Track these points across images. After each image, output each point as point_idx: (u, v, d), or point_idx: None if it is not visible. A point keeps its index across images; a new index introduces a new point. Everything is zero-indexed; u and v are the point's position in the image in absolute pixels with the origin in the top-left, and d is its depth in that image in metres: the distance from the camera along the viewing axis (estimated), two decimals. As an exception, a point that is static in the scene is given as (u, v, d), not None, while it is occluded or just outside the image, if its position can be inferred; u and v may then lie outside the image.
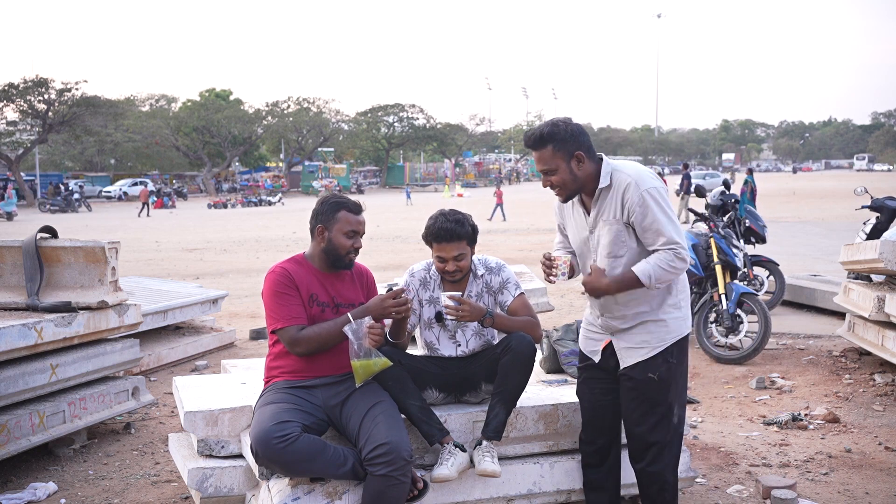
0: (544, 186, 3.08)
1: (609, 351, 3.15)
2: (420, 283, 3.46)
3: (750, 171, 23.14)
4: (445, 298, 3.20)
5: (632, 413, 3.10)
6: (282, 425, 2.91)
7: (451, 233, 3.27)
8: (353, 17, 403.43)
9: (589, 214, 3.08)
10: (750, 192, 21.37)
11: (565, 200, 3.11)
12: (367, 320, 3.13)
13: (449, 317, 3.25)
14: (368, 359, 3.08)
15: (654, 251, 2.96)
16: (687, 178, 23.11)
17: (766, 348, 6.54)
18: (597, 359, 3.19)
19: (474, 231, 3.36)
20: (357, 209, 3.29)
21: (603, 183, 3.00)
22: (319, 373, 3.21)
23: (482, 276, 3.42)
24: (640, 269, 2.94)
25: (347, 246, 3.24)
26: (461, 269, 3.32)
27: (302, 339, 3.14)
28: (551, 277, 3.09)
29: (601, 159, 3.04)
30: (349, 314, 3.16)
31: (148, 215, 34.38)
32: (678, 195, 22.57)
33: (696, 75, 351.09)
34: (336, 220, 3.23)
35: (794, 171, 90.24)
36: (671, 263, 2.93)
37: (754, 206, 20.99)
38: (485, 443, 3.16)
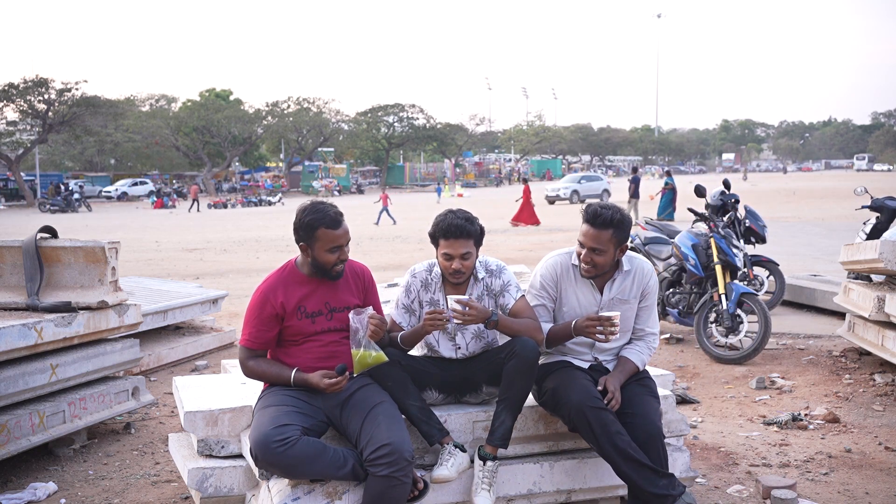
0: (581, 259, 3.36)
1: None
2: (421, 284, 3.44)
3: (669, 174, 22.86)
4: (452, 303, 3.18)
5: (646, 405, 3.27)
6: (281, 429, 2.90)
7: (461, 229, 3.26)
8: (353, 17, 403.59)
9: (601, 293, 3.43)
10: (670, 193, 21.31)
11: (592, 277, 3.40)
12: (369, 310, 3.14)
13: (455, 321, 3.22)
14: (365, 350, 3.09)
15: (639, 331, 3.49)
16: (635, 182, 22.90)
17: (766, 348, 6.54)
18: (586, 366, 3.48)
19: (482, 232, 3.35)
20: (335, 223, 3.16)
21: (626, 267, 3.43)
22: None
23: (483, 278, 3.41)
24: (638, 360, 3.43)
25: (332, 260, 3.19)
26: (465, 269, 3.30)
27: (247, 367, 3.26)
28: (610, 336, 3.27)
29: None
30: (293, 374, 3.16)
31: (198, 210, 37.32)
32: (628, 201, 22.43)
33: (696, 75, 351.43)
34: (316, 238, 3.16)
35: (785, 171, 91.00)
36: (653, 349, 3.51)
37: (674, 210, 20.98)
38: (488, 463, 3.14)
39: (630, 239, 7.71)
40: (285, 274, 3.28)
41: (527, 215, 22.97)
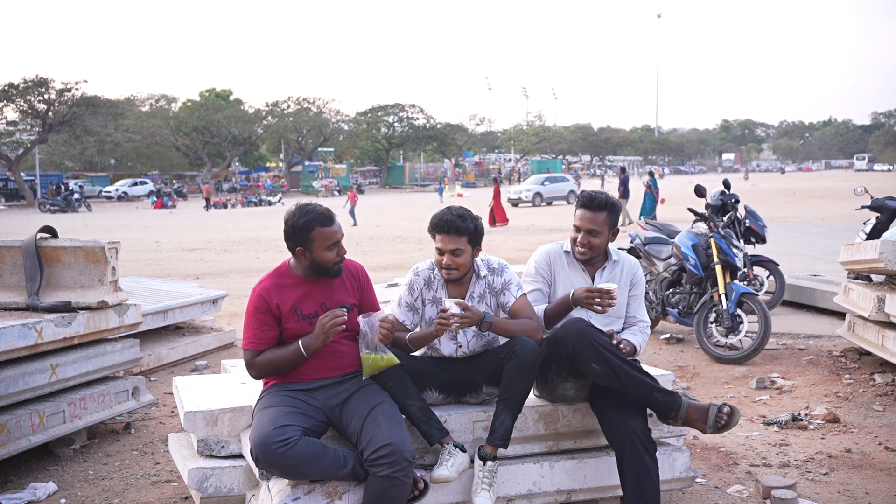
0: (578, 242, 3.55)
1: None
2: (424, 283, 3.45)
3: (651, 174, 22.87)
4: (453, 306, 3.17)
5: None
6: (281, 430, 2.90)
7: (451, 225, 3.30)
8: (353, 17, 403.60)
9: (593, 279, 3.59)
10: (651, 193, 21.37)
11: (586, 261, 3.58)
12: (381, 314, 3.14)
13: (454, 325, 3.24)
14: (377, 353, 3.09)
15: (631, 319, 3.62)
16: (624, 182, 22.79)
17: (766, 348, 6.54)
18: None
19: (477, 230, 3.36)
20: (329, 220, 3.16)
21: (615, 258, 3.63)
22: (318, 374, 3.21)
23: (484, 276, 3.43)
24: (636, 341, 3.51)
25: (333, 258, 3.18)
26: (457, 265, 3.32)
27: (256, 364, 3.19)
28: (607, 308, 3.36)
29: None
30: (300, 342, 3.12)
31: (214, 208, 38.87)
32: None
33: (696, 75, 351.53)
34: (312, 239, 3.14)
35: (782, 171, 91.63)
36: (646, 335, 3.63)
37: (655, 210, 21.05)
38: (488, 463, 3.15)
39: (630, 239, 7.78)
40: (279, 276, 3.25)
41: (500, 214, 23.03)
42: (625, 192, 22.53)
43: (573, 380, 3.33)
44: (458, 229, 3.30)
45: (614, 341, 3.31)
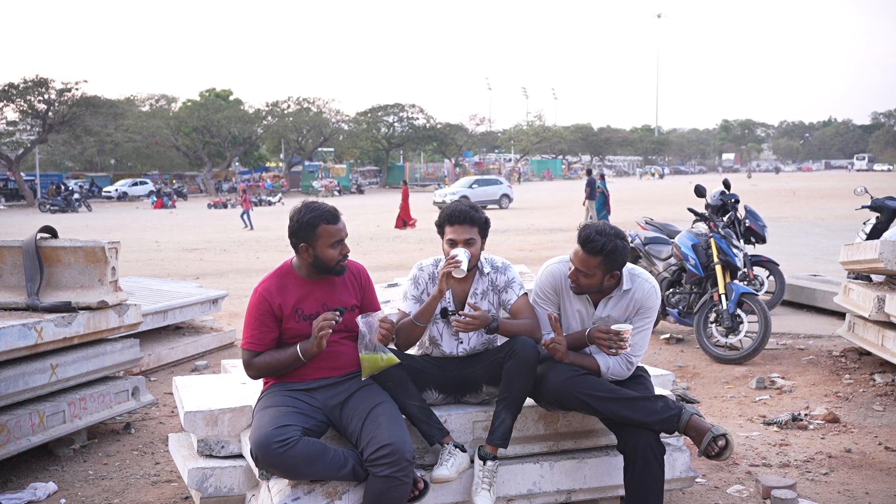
0: (569, 275, 3.33)
1: None
2: (429, 277, 3.47)
3: (602, 177, 22.86)
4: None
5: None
6: (281, 430, 2.90)
7: (465, 215, 3.35)
8: (353, 17, 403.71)
9: (595, 308, 3.39)
10: (602, 196, 21.41)
11: (579, 294, 3.38)
12: (380, 314, 3.14)
13: (456, 325, 3.25)
14: (375, 353, 3.09)
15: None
16: (591, 184, 22.70)
17: (766, 348, 6.54)
18: None
19: (486, 222, 3.41)
20: (334, 218, 3.18)
21: (626, 287, 3.34)
22: (318, 374, 3.21)
23: (488, 274, 3.45)
24: (603, 362, 3.30)
25: (336, 256, 3.19)
26: (470, 255, 3.34)
27: (254, 365, 3.19)
28: (620, 351, 3.25)
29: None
30: (298, 346, 3.13)
31: (214, 208, 39.24)
32: (583, 203, 22.47)
33: (696, 75, 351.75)
34: (317, 235, 3.15)
35: (777, 171, 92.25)
36: (625, 368, 3.32)
37: (608, 211, 21.18)
38: (488, 463, 3.15)
39: (630, 239, 7.78)
40: (281, 276, 3.26)
41: (407, 216, 23.04)
42: (591, 194, 22.48)
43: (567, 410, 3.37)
44: (471, 219, 3.36)
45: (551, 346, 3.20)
